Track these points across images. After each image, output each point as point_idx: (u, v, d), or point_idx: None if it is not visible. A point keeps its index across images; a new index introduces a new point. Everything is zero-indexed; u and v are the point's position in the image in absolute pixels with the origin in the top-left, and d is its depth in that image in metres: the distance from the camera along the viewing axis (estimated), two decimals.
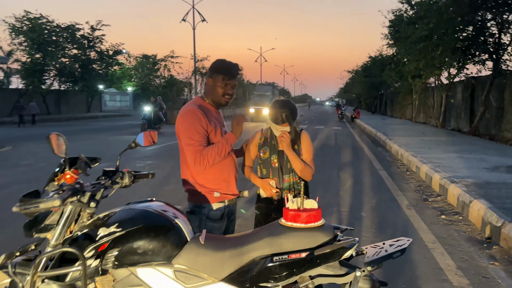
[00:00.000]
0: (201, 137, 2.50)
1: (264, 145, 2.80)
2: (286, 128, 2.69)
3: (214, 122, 2.61)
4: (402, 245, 1.88)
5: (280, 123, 2.67)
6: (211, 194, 2.63)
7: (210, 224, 2.60)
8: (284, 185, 2.75)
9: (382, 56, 35.69)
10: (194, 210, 2.65)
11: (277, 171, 2.75)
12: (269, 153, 2.77)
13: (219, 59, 2.72)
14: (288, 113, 2.67)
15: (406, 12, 21.46)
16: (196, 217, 2.61)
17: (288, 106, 2.71)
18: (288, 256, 1.81)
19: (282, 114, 2.66)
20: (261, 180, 2.78)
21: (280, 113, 2.66)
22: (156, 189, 7.09)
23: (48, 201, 1.76)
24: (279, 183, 2.75)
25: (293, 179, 2.74)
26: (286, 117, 2.66)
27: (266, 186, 2.74)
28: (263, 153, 2.79)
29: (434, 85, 22.45)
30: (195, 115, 2.52)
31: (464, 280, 3.77)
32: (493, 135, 15.16)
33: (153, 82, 53.30)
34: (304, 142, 2.78)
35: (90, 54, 35.72)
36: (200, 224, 2.59)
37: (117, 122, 28.31)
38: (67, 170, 2.00)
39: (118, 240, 1.91)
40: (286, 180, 2.75)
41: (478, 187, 6.56)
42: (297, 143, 2.77)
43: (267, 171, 2.78)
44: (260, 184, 2.79)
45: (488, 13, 14.30)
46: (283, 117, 2.66)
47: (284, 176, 2.75)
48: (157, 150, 12.18)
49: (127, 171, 2.33)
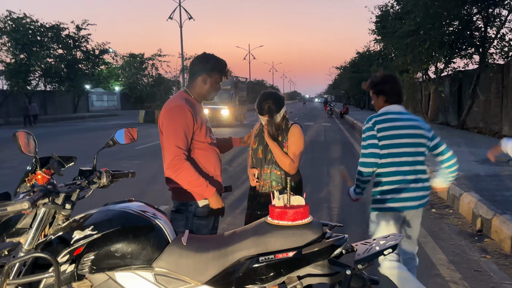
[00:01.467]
0: (186, 142, 2.40)
1: (257, 136, 2.91)
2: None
3: (200, 119, 2.50)
4: (393, 241, 1.80)
5: (264, 113, 2.76)
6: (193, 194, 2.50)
7: (197, 222, 2.48)
8: (263, 176, 2.82)
9: (369, 52, 35.81)
10: (179, 208, 2.53)
11: (259, 162, 2.85)
12: (257, 143, 2.89)
13: (210, 54, 2.62)
14: (271, 103, 2.74)
15: (392, 7, 21.52)
16: (182, 216, 2.50)
17: (272, 98, 2.78)
18: (275, 255, 1.71)
19: (265, 105, 2.75)
20: (249, 169, 2.93)
21: (264, 104, 2.76)
22: (144, 189, 6.95)
23: (17, 203, 1.64)
24: (259, 173, 2.85)
25: (272, 171, 2.80)
26: (268, 108, 2.74)
27: (250, 176, 2.89)
28: (254, 143, 2.91)
29: (421, 79, 22.56)
30: (183, 112, 2.39)
31: (456, 274, 3.72)
32: (481, 128, 15.27)
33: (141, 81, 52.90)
34: (292, 135, 2.81)
35: (76, 54, 35.21)
36: (186, 222, 2.48)
37: (105, 122, 27.99)
38: (38, 170, 1.88)
39: (95, 243, 1.79)
40: (265, 170, 2.82)
41: (468, 180, 6.55)
42: (282, 135, 2.81)
43: (256, 161, 2.89)
44: (248, 172, 2.93)
45: (473, 7, 14.36)
46: (266, 108, 2.75)
47: (264, 166, 2.83)
48: (144, 149, 12.01)
49: (105, 170, 2.21)
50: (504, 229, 4.37)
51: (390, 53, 21.44)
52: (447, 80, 19.32)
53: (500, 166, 7.74)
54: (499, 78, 14.09)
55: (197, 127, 2.46)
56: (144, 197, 6.44)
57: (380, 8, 22.74)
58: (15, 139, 1.86)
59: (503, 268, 3.86)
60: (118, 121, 28.83)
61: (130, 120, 29.47)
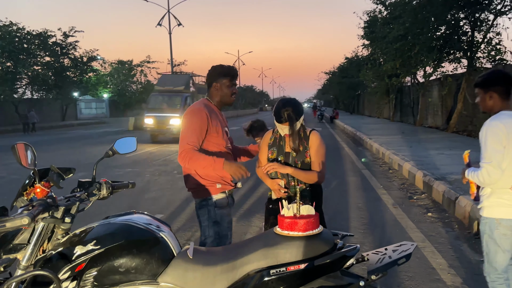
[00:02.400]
0: (197, 138, 2.67)
1: (273, 146, 2.78)
2: (287, 127, 2.63)
3: (218, 122, 2.79)
4: (406, 250, 1.75)
5: (283, 121, 2.63)
6: (214, 186, 2.78)
7: (219, 212, 2.77)
8: (290, 188, 2.73)
9: (358, 57, 36.10)
10: (202, 204, 2.82)
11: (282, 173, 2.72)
12: (276, 154, 2.75)
13: (217, 65, 2.90)
14: (291, 111, 2.61)
15: (380, 13, 21.74)
16: (204, 210, 2.79)
17: (291, 105, 2.65)
18: (286, 268, 1.66)
19: (284, 113, 2.60)
20: (270, 180, 2.76)
21: (283, 112, 2.61)
22: (136, 198, 6.84)
23: (16, 219, 1.56)
24: (287, 184, 2.73)
25: (297, 183, 2.71)
26: (288, 116, 2.60)
27: (275, 187, 2.72)
28: (271, 154, 2.77)
29: (410, 84, 22.77)
30: (200, 114, 2.71)
31: (457, 279, 3.70)
32: (470, 131, 15.41)
33: (130, 88, 52.57)
34: (314, 143, 2.71)
35: (63, 61, 34.88)
36: (209, 214, 2.77)
37: (94, 130, 27.70)
38: (37, 183, 1.81)
39: (97, 259, 1.72)
40: (291, 183, 2.72)
41: (462, 183, 6.55)
42: (304, 145, 2.71)
43: (275, 172, 2.74)
44: (270, 184, 2.77)
45: (460, 12, 14.55)
46: (285, 116, 2.61)
47: (290, 179, 2.71)
48: (136, 157, 11.88)
49: (105, 181, 2.14)
50: None
51: (379, 57, 21.61)
52: (436, 84, 19.52)
53: None
54: None
55: (213, 129, 2.74)
56: (138, 206, 6.35)
57: (368, 14, 22.99)
58: (14, 152, 1.79)
59: None
60: (108, 129, 28.57)
61: (119, 128, 29.23)
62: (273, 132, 2.84)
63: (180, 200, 6.71)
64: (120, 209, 5.88)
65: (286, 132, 2.65)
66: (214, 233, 2.75)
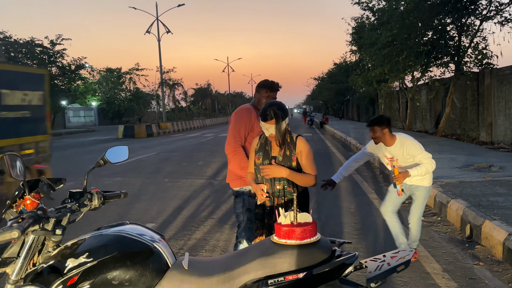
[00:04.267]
0: (241, 134, 3.30)
1: (259, 151, 2.81)
2: (272, 125, 2.63)
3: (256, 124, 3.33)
4: (405, 257, 1.74)
5: (269, 119, 2.63)
6: (245, 180, 3.17)
7: (252, 201, 3.22)
8: (275, 192, 2.74)
9: (346, 62, 36.37)
10: (238, 193, 3.35)
11: (269, 178, 2.74)
12: (262, 158, 2.77)
13: (263, 80, 3.49)
14: (276, 109, 2.62)
15: (367, 19, 21.96)
16: (240, 198, 3.32)
17: (276, 104, 2.69)
18: (285, 277, 1.63)
19: (270, 111, 2.63)
20: (255, 185, 2.80)
21: (269, 110, 2.64)
22: (126, 207, 6.75)
23: (5, 232, 1.51)
24: (271, 189, 2.74)
25: (286, 188, 2.72)
26: (273, 113, 2.61)
27: (258, 191, 2.75)
28: (258, 158, 2.79)
29: (398, 88, 22.99)
30: (246, 112, 3.38)
31: (452, 283, 3.70)
32: (458, 135, 15.58)
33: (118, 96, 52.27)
34: (302, 148, 2.74)
35: (51, 70, 34.58)
36: (243, 202, 3.29)
37: (83, 138, 27.40)
38: (27, 195, 1.75)
39: (90, 272, 1.67)
40: (276, 187, 2.73)
41: (453, 186, 6.61)
42: (290, 149, 2.72)
43: (261, 177, 2.77)
44: (254, 189, 2.81)
45: (447, 17, 14.75)
46: (271, 113, 2.62)
47: (275, 183, 2.72)
48: (126, 166, 11.75)
49: (96, 192, 2.09)
50: (494, 235, 4.39)
51: (367, 63, 21.79)
52: (424, 88, 19.73)
53: (483, 172, 7.86)
54: (474, 86, 14.45)
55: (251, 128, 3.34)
56: (128, 216, 6.26)
57: (355, 20, 23.20)
58: (3, 163, 1.73)
59: (497, 275, 3.86)
60: (97, 137, 28.30)
61: (108, 136, 28.98)
62: (260, 138, 2.87)
63: (171, 209, 6.64)
64: (110, 219, 5.80)
65: (271, 132, 2.64)
66: (247, 219, 3.23)
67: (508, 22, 13.52)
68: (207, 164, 12.04)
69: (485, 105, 13.60)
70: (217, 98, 71.02)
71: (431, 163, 3.93)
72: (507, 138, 12.41)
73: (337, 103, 49.82)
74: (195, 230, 5.48)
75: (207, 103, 64.09)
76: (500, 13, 13.64)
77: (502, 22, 13.65)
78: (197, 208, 6.69)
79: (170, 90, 45.71)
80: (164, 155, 14.90)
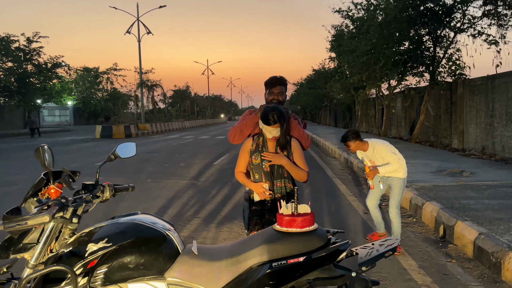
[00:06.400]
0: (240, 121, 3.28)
1: (255, 151, 2.92)
2: (277, 128, 2.79)
3: None
4: (392, 244, 1.96)
5: (272, 123, 2.78)
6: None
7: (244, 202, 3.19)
8: (276, 189, 2.90)
9: (325, 69, 37.04)
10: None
11: (269, 175, 2.90)
12: (260, 158, 2.90)
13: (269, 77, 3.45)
14: (279, 113, 2.78)
15: (347, 27, 22.55)
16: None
17: (279, 109, 2.83)
18: (287, 261, 1.82)
19: (274, 115, 2.76)
20: (254, 184, 2.91)
21: (272, 114, 2.77)
22: (111, 206, 6.81)
23: (37, 217, 1.65)
24: (271, 186, 2.90)
25: (284, 184, 2.90)
26: (276, 117, 2.76)
27: (260, 189, 2.88)
28: (255, 158, 2.92)
29: (375, 96, 23.62)
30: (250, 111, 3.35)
31: (427, 278, 3.97)
32: (432, 142, 16.17)
33: (95, 96, 51.49)
34: (295, 148, 2.93)
35: (27, 67, 33.88)
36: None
37: (59, 138, 26.95)
38: (51, 184, 1.89)
39: (109, 256, 1.83)
40: (278, 184, 2.90)
41: (427, 190, 6.95)
42: (287, 149, 2.90)
43: (259, 176, 2.92)
44: (254, 187, 2.92)
45: (423, 28, 15.33)
46: (274, 118, 2.76)
47: (275, 181, 2.89)
48: (106, 166, 11.68)
49: (108, 184, 2.24)
50: (466, 234, 4.71)
51: (346, 70, 22.33)
52: (400, 96, 20.35)
53: (455, 176, 8.27)
54: (448, 95, 15.05)
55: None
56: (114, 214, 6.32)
57: (335, 28, 23.76)
58: (38, 155, 1.87)
59: (468, 271, 4.16)
60: (73, 137, 27.88)
61: (85, 136, 28.60)
62: (254, 139, 2.98)
63: (156, 208, 6.75)
64: (96, 216, 5.85)
65: (274, 134, 2.81)
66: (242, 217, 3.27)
67: (480, 35, 14.16)
68: (189, 165, 12.13)
69: (457, 114, 14.20)
70: (196, 100, 70.85)
71: (397, 162, 4.71)
72: (478, 146, 13.00)
73: (315, 108, 50.52)
74: (181, 228, 5.61)
75: (186, 105, 63.85)
76: (473, 27, 14.28)
77: (475, 35, 14.28)
78: (182, 207, 6.82)
79: (148, 91, 45.34)
80: (145, 156, 14.89)
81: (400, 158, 4.83)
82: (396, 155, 4.78)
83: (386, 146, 4.88)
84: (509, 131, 11.36)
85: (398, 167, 4.73)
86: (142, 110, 38.23)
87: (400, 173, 4.84)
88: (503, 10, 13.13)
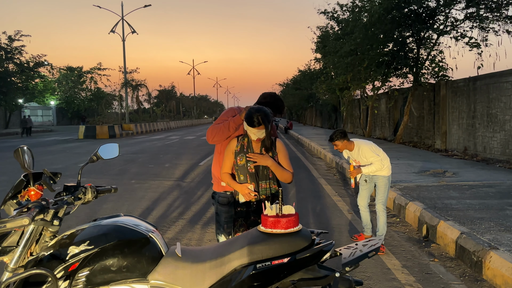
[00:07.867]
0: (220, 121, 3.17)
1: (240, 152, 2.92)
2: (261, 130, 2.78)
3: None
4: (375, 244, 1.97)
5: (256, 125, 2.77)
6: (219, 184, 3.21)
7: (220, 208, 3.22)
8: (261, 190, 2.89)
9: (310, 70, 37.24)
10: (213, 196, 3.35)
11: (254, 176, 2.89)
12: (245, 159, 2.89)
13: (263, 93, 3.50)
14: (263, 115, 2.77)
15: (332, 28, 22.72)
16: (214, 201, 3.30)
17: (263, 110, 2.83)
18: (271, 262, 1.82)
19: (258, 117, 2.76)
20: (239, 185, 2.89)
21: (256, 116, 2.76)
22: (94, 207, 6.72)
23: (16, 219, 1.62)
24: (256, 187, 2.89)
25: (269, 185, 2.90)
26: (261, 119, 2.75)
27: (245, 190, 2.85)
28: (240, 159, 2.91)
29: (359, 97, 23.85)
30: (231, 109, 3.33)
31: (410, 278, 4.01)
32: (415, 142, 16.38)
33: (79, 95, 50.80)
34: (280, 149, 2.95)
35: (8, 66, 33.25)
36: (214, 205, 3.29)
37: (42, 138, 26.50)
38: (31, 186, 1.85)
39: (91, 258, 1.80)
40: (263, 185, 2.89)
41: (411, 190, 7.04)
42: (272, 150, 2.90)
43: (244, 177, 2.90)
44: (239, 188, 2.89)
45: (407, 30, 15.53)
46: (259, 120, 2.75)
47: (260, 182, 2.88)
48: (89, 167, 11.55)
49: (90, 186, 2.21)
50: (448, 234, 4.78)
51: (331, 71, 22.49)
52: (384, 97, 20.57)
53: (438, 177, 8.39)
54: (431, 96, 15.28)
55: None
56: (97, 216, 6.24)
57: (321, 29, 23.92)
58: (17, 156, 1.83)
59: (450, 270, 4.22)
60: (56, 137, 27.44)
61: (68, 136, 28.19)
62: (238, 140, 2.97)
63: (140, 209, 6.68)
64: (79, 218, 5.78)
65: (259, 136, 2.79)
66: (216, 222, 3.29)
67: (462, 37, 14.40)
68: (174, 166, 12.06)
69: (440, 115, 14.41)
70: (181, 100, 70.47)
71: (379, 162, 4.91)
72: (460, 146, 13.22)
73: (300, 109, 50.73)
74: (166, 230, 5.57)
75: (172, 105, 63.46)
76: (456, 29, 14.52)
77: (457, 37, 14.52)
78: (167, 209, 6.77)
79: (133, 91, 44.92)
80: (129, 156, 14.75)
81: (384, 158, 4.99)
82: (379, 156, 4.93)
83: (370, 146, 5.01)
84: (490, 132, 11.58)
85: (380, 167, 4.90)
86: (127, 110, 37.87)
87: (384, 171, 5.00)
88: (485, 13, 13.38)
